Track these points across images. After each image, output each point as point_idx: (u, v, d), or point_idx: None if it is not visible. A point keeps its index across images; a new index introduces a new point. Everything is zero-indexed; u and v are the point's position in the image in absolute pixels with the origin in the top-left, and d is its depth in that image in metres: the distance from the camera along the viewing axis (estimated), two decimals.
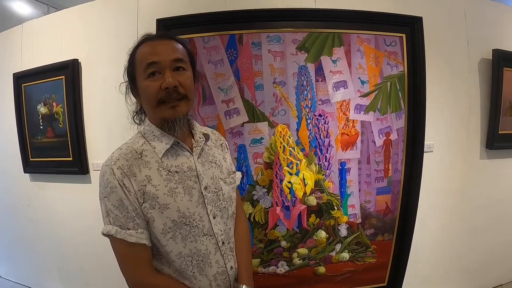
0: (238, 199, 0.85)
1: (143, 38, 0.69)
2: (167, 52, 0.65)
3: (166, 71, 0.64)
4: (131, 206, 0.63)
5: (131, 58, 0.69)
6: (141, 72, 0.65)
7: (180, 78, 0.65)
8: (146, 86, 0.64)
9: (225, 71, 1.25)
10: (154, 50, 0.64)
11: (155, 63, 0.63)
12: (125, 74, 0.71)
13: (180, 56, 0.66)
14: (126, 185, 0.62)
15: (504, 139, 1.54)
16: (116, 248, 0.65)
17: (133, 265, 0.65)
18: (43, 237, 1.66)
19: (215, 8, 1.27)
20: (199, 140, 0.74)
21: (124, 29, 1.38)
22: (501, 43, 1.53)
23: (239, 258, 0.78)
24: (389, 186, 1.36)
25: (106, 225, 0.64)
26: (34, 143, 1.58)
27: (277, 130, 1.27)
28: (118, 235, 0.62)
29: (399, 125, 1.34)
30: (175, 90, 0.64)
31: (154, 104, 0.65)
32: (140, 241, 0.63)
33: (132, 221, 0.63)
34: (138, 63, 0.66)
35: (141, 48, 0.67)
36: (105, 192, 0.63)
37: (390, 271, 1.44)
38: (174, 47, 0.66)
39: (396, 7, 1.33)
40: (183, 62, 0.67)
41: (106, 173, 0.63)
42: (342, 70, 1.28)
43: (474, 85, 1.50)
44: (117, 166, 0.63)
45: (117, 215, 0.63)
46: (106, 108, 1.41)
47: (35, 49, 1.59)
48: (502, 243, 1.68)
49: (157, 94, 0.64)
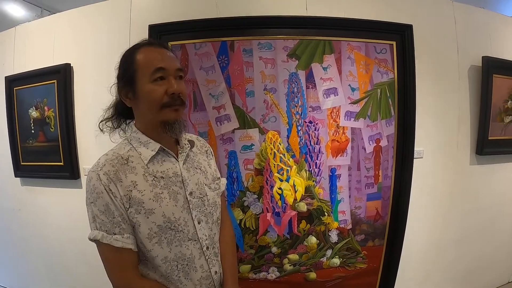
0: (223, 204, 0.86)
1: (144, 42, 0.71)
2: (172, 60, 0.69)
3: (170, 78, 0.67)
4: (117, 211, 0.64)
5: (131, 59, 0.68)
6: (146, 75, 0.66)
7: (181, 86, 0.69)
8: (151, 89, 0.66)
9: (216, 78, 1.26)
10: (162, 57, 0.68)
11: (163, 69, 0.66)
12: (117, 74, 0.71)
13: (181, 66, 0.71)
14: (112, 190, 0.63)
15: (494, 145, 1.56)
16: (102, 253, 0.66)
17: (119, 270, 0.66)
18: (34, 242, 1.65)
19: (207, 15, 1.28)
20: (185, 146, 0.76)
21: (117, 35, 1.38)
22: (490, 50, 1.55)
23: (224, 263, 0.79)
24: (380, 192, 1.37)
25: (92, 230, 0.65)
26: (26, 147, 1.57)
27: (268, 137, 1.28)
28: (105, 240, 0.63)
29: (389, 131, 1.35)
30: (179, 97, 0.68)
31: (158, 107, 0.67)
32: (126, 245, 0.65)
33: (118, 226, 0.64)
34: (143, 66, 0.67)
35: (145, 52, 0.68)
36: (91, 197, 0.64)
37: (381, 277, 1.44)
38: (175, 57, 0.72)
39: (387, 15, 1.35)
40: (182, 72, 0.71)
41: (93, 179, 0.64)
42: (333, 77, 1.30)
43: (464, 92, 1.52)
44: (103, 172, 0.64)
45: (103, 220, 0.64)
46: (97, 113, 1.40)
47: (27, 53, 1.58)
48: (492, 248, 1.70)
49: (162, 98, 0.66)
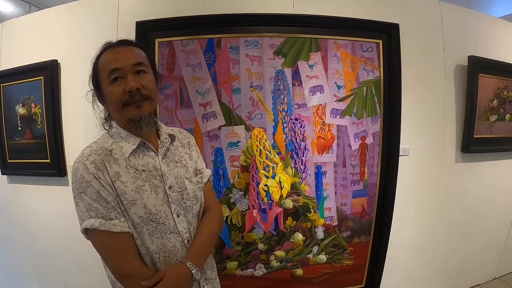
0: (211, 194, 0.86)
1: (104, 46, 0.71)
2: (127, 57, 0.68)
3: (128, 75, 0.67)
4: (110, 196, 0.65)
5: (95, 66, 0.71)
6: (105, 78, 0.68)
7: (142, 80, 0.68)
8: (110, 91, 0.67)
9: (203, 75, 1.26)
10: (115, 57, 0.68)
11: (117, 70, 0.67)
12: (90, 82, 0.73)
13: (140, 60, 0.69)
14: (101, 177, 0.64)
15: (479, 143, 1.58)
16: (100, 241, 0.65)
17: (121, 256, 0.66)
18: (20, 240, 1.64)
19: (194, 12, 1.28)
20: (165, 141, 0.77)
21: (104, 31, 1.37)
22: (477, 50, 1.57)
23: (196, 238, 0.75)
24: (365, 189, 1.39)
25: (87, 219, 0.64)
26: (12, 144, 1.55)
27: (254, 134, 1.28)
28: (103, 227, 0.63)
29: (375, 129, 1.36)
30: (138, 92, 0.67)
31: (120, 106, 0.68)
32: (124, 229, 0.65)
33: (114, 211, 0.65)
34: (102, 71, 0.69)
35: (103, 56, 0.69)
36: (80, 187, 0.64)
37: (368, 273, 1.46)
38: (134, 53, 0.70)
39: (374, 14, 1.36)
40: (144, 65, 0.70)
41: (79, 169, 0.64)
42: (319, 75, 1.30)
43: (450, 91, 1.53)
44: (89, 161, 0.65)
45: (97, 207, 0.64)
46: (84, 110, 1.39)
47: (14, 49, 1.57)
48: (477, 244, 1.72)
49: (122, 97, 0.67)
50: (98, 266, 0.75)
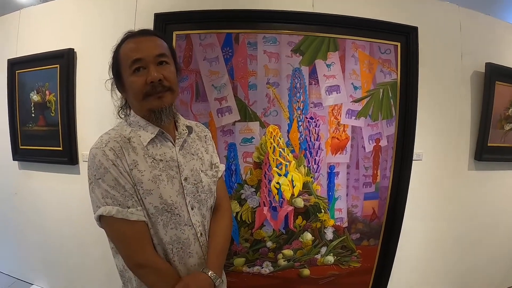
0: (223, 191, 0.85)
1: (125, 36, 0.70)
2: (150, 48, 0.67)
3: (150, 66, 0.66)
4: (128, 184, 0.64)
5: (115, 55, 0.70)
6: (127, 68, 0.67)
7: (164, 72, 0.68)
8: (132, 81, 0.67)
9: (219, 69, 1.25)
10: (137, 47, 0.67)
11: (140, 60, 0.66)
12: (110, 71, 0.73)
13: (162, 51, 0.69)
14: (119, 164, 0.64)
15: (493, 151, 1.56)
16: (115, 230, 0.65)
17: (136, 245, 0.65)
18: (29, 227, 1.64)
19: (214, 6, 1.27)
20: (182, 132, 0.76)
21: (122, 22, 1.37)
22: (494, 57, 1.55)
23: (212, 244, 0.75)
24: (377, 192, 1.37)
25: (103, 206, 0.63)
26: (25, 130, 1.56)
27: (268, 131, 1.27)
28: (120, 215, 0.62)
29: (390, 132, 1.35)
30: (160, 84, 0.67)
31: (141, 97, 0.67)
32: (141, 218, 0.65)
33: (131, 199, 0.64)
34: (123, 60, 0.68)
35: (125, 45, 0.69)
36: (98, 174, 0.63)
37: (374, 276, 1.45)
38: (156, 43, 0.69)
39: (393, 16, 1.35)
40: (166, 56, 0.69)
41: (98, 155, 0.64)
42: (336, 74, 1.30)
43: (466, 97, 1.52)
44: (108, 147, 0.65)
45: (115, 194, 0.63)
46: (99, 99, 1.40)
47: (31, 36, 1.57)
48: (486, 253, 1.70)
49: (143, 88, 0.66)
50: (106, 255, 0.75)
